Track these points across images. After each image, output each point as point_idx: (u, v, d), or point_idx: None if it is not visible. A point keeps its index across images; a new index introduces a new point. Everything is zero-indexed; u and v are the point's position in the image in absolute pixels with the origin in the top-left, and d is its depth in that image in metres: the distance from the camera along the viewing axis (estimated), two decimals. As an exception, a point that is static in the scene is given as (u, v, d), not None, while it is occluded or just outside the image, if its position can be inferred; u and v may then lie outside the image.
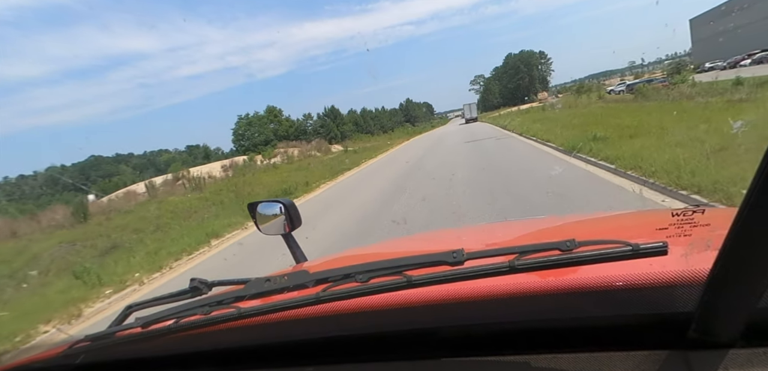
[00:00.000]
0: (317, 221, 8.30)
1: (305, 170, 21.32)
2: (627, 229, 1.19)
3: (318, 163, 26.32)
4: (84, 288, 7.14)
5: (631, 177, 6.32)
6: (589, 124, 13.31)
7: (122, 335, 0.75)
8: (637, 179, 6.09)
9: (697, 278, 0.54)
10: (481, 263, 0.61)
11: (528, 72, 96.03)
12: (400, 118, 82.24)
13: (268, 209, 1.51)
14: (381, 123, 70.45)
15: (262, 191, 16.54)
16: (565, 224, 1.42)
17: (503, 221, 3.81)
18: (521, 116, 32.42)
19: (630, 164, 6.73)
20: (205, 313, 0.71)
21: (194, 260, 8.20)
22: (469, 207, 6.65)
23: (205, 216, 12.57)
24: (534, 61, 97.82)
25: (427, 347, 0.70)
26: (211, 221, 11.10)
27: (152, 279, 7.40)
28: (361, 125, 65.22)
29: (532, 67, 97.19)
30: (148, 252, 9.06)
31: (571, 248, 0.58)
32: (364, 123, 66.34)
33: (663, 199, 5.17)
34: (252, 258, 7.06)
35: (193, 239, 9.35)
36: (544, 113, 28.68)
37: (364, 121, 66.85)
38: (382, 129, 67.94)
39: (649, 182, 5.72)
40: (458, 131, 38.58)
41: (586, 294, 0.60)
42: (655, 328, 0.58)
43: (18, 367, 0.89)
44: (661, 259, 0.54)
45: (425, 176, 11.56)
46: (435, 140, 29.85)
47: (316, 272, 0.70)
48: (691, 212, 0.67)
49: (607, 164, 7.40)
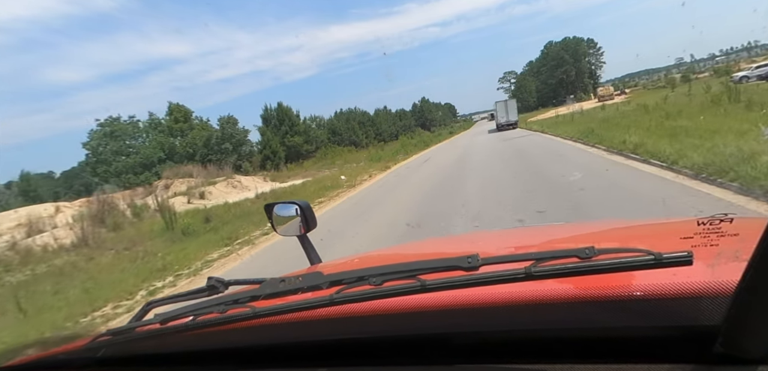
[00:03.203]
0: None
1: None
2: (649, 238, 1.14)
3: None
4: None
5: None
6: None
7: (142, 330, 0.79)
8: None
9: (724, 290, 0.52)
10: (496, 268, 0.61)
11: (574, 64, 75.24)
12: (410, 121, 63.77)
13: (285, 211, 1.55)
14: (379, 129, 51.56)
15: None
16: (584, 232, 1.39)
17: (520, 227, 3.69)
18: (589, 121, 19.99)
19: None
20: (221, 311, 0.73)
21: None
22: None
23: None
24: (581, 51, 77.04)
25: (441, 353, 0.70)
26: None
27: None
28: (344, 134, 45.85)
29: (580, 57, 76.36)
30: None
31: (590, 256, 0.57)
32: (348, 131, 46.48)
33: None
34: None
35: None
36: (634, 118, 16.73)
37: (348, 127, 46.97)
38: (379, 137, 49.58)
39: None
40: (488, 144, 23.22)
41: (605, 303, 0.59)
42: (678, 341, 0.57)
43: (43, 359, 0.93)
44: (685, 269, 0.53)
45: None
46: (429, 185, 12.12)
47: (331, 274, 0.72)
48: (719, 222, 0.66)
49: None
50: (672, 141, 8.48)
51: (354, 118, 48.81)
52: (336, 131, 45.38)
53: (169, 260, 8.38)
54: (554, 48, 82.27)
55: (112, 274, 8.32)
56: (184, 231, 11.01)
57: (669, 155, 7.37)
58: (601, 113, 25.07)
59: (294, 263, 1.60)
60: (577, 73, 78.46)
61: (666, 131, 10.35)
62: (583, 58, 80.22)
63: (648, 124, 12.85)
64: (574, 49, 79.72)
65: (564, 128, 19.87)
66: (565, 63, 78.03)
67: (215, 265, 7.68)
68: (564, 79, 78.11)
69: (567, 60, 78.08)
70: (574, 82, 77.80)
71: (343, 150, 40.92)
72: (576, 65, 78.43)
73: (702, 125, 10.08)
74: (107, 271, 8.69)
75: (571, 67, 77.90)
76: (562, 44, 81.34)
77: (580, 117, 24.91)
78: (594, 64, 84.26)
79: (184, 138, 38.53)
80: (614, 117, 19.28)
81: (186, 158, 35.26)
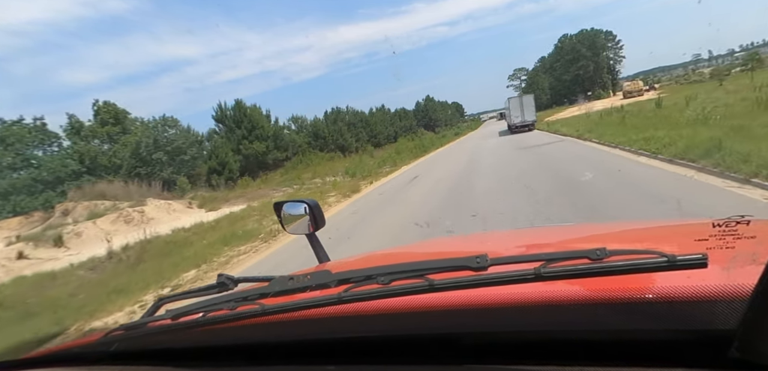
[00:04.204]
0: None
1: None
2: (663, 239, 1.12)
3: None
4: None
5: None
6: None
7: (153, 325, 0.80)
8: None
9: (740, 293, 0.52)
10: (505, 269, 0.61)
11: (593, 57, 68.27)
12: (412, 121, 57.35)
13: (293, 209, 1.57)
14: (374, 131, 44.86)
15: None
16: (596, 233, 1.37)
17: (530, 228, 3.49)
18: (621, 129, 14.09)
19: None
20: (230, 308, 0.74)
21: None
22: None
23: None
24: (599, 43, 70.07)
25: (449, 353, 0.70)
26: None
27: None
28: (329, 138, 38.72)
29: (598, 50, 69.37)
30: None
31: (601, 257, 0.57)
32: (335, 133, 39.35)
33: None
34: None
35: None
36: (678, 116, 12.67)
37: (335, 129, 39.70)
38: (373, 140, 43.23)
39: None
40: (500, 154, 17.01)
41: (616, 305, 0.58)
42: (691, 345, 0.57)
43: (59, 352, 0.95)
44: (700, 272, 0.53)
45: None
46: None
47: (339, 272, 0.73)
48: (735, 224, 0.64)
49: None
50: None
51: (342, 118, 41.95)
52: (319, 135, 38.48)
53: None
54: (569, 41, 75.63)
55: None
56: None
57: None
58: (662, 111, 18.04)
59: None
60: (595, 68, 71.46)
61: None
62: (601, 51, 73.15)
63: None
64: (591, 41, 72.71)
65: (614, 133, 13.42)
66: (582, 57, 71.12)
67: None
68: (580, 75, 71.27)
69: (584, 54, 71.21)
70: (592, 77, 70.84)
71: (324, 157, 34.34)
72: (594, 59, 71.43)
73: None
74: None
75: (589, 61, 70.94)
76: (578, 37, 74.55)
77: (629, 115, 18.31)
78: (613, 59, 77.19)
79: (114, 145, 30.76)
80: (699, 117, 12.60)
81: (113, 171, 27.97)
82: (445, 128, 65.02)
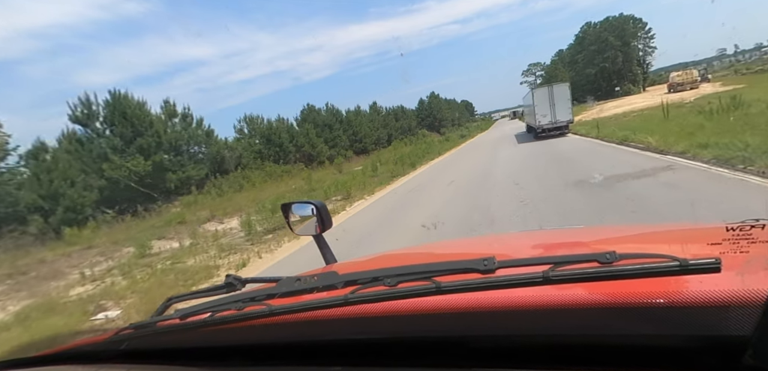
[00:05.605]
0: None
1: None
2: (675, 243, 1.09)
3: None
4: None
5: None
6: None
7: (162, 325, 0.81)
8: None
9: (755, 299, 0.51)
10: (513, 272, 0.61)
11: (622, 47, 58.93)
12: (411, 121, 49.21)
13: (301, 210, 1.58)
14: (358, 135, 36.36)
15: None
16: (605, 236, 1.33)
17: (539, 230, 3.44)
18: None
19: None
20: (238, 308, 0.75)
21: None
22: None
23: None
24: (628, 32, 60.68)
25: (456, 356, 0.70)
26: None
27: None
28: (285, 145, 28.58)
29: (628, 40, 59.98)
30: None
31: (610, 261, 0.57)
32: (292, 139, 29.54)
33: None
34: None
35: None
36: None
37: (297, 132, 30.46)
38: (358, 145, 35.13)
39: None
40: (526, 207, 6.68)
41: (626, 310, 0.58)
42: (703, 351, 0.56)
43: (69, 350, 0.96)
44: (713, 277, 0.52)
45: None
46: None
47: (346, 273, 0.73)
48: (749, 228, 0.63)
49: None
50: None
51: (316, 120, 32.92)
52: (273, 141, 28.47)
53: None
54: (593, 30, 66.42)
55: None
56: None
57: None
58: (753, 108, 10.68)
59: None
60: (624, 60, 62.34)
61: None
62: (631, 41, 63.94)
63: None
64: (620, 29, 63.56)
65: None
66: (609, 47, 62.01)
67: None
68: (607, 68, 62.16)
69: (612, 43, 61.97)
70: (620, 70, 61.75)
71: (275, 172, 25.32)
72: (623, 50, 62.28)
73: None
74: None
75: (617, 51, 61.79)
76: (603, 25, 65.34)
77: (714, 115, 11.85)
78: (643, 50, 67.91)
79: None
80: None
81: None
82: (452, 128, 56.69)
